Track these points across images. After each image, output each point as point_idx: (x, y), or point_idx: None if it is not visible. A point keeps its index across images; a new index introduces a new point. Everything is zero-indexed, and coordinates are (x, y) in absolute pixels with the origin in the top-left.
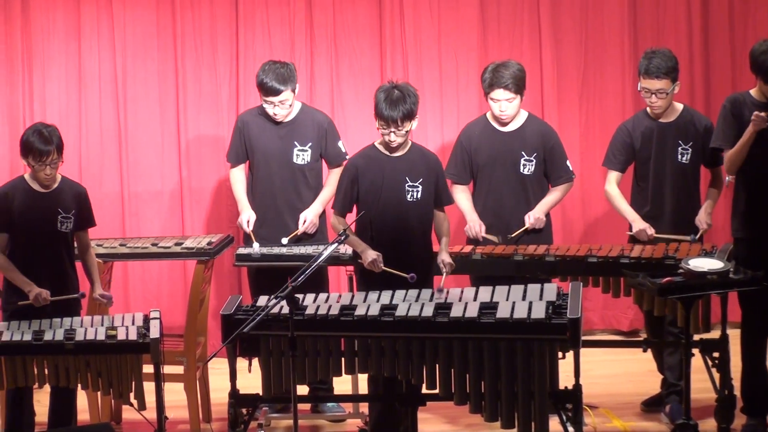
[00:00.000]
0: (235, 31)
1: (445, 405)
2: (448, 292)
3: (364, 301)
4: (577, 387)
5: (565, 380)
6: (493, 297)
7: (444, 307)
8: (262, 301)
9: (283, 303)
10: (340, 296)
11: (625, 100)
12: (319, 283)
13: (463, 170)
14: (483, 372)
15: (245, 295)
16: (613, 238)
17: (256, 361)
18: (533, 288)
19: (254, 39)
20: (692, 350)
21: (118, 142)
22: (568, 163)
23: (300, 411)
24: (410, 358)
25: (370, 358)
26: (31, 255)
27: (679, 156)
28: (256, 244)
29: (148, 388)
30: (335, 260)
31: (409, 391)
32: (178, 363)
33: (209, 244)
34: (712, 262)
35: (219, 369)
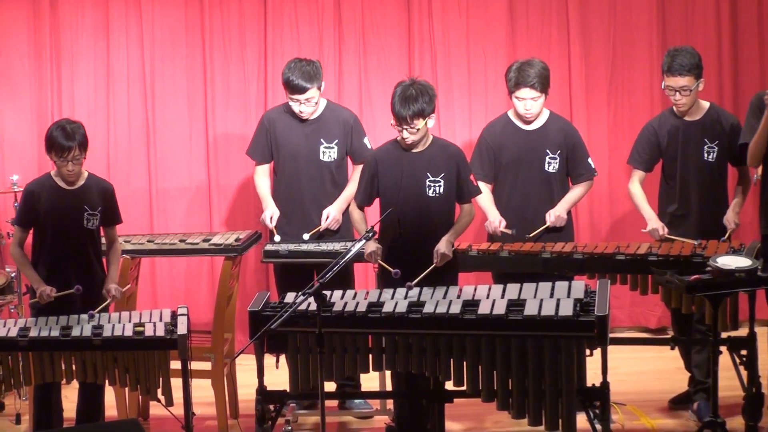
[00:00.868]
0: (264, 28)
1: (471, 402)
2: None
3: (392, 298)
4: (605, 384)
5: (593, 378)
6: (520, 294)
7: (471, 305)
8: (290, 297)
9: (311, 300)
10: (368, 293)
11: (653, 98)
12: (346, 280)
13: (490, 168)
14: (510, 369)
15: (271, 292)
16: (640, 235)
17: (284, 358)
18: (561, 285)
19: (282, 36)
20: (720, 348)
21: (146, 139)
22: (589, 160)
23: (327, 408)
24: (437, 355)
25: (397, 355)
26: (58, 251)
27: (705, 154)
28: (277, 237)
29: (176, 384)
30: (361, 257)
31: (436, 388)
32: (206, 359)
33: (237, 240)
34: (740, 260)
35: (246, 365)
